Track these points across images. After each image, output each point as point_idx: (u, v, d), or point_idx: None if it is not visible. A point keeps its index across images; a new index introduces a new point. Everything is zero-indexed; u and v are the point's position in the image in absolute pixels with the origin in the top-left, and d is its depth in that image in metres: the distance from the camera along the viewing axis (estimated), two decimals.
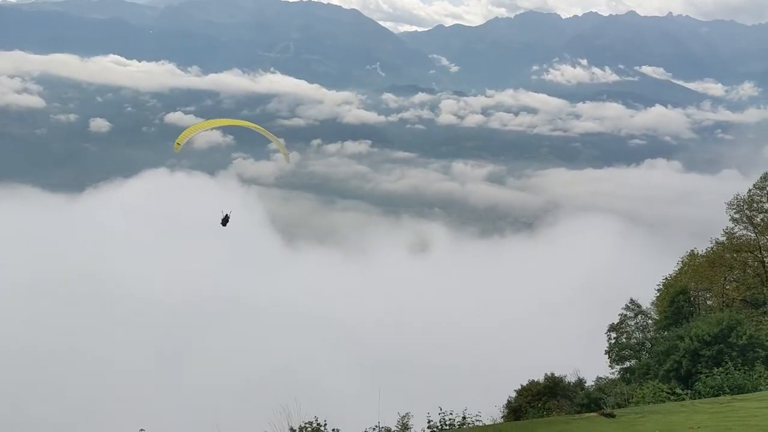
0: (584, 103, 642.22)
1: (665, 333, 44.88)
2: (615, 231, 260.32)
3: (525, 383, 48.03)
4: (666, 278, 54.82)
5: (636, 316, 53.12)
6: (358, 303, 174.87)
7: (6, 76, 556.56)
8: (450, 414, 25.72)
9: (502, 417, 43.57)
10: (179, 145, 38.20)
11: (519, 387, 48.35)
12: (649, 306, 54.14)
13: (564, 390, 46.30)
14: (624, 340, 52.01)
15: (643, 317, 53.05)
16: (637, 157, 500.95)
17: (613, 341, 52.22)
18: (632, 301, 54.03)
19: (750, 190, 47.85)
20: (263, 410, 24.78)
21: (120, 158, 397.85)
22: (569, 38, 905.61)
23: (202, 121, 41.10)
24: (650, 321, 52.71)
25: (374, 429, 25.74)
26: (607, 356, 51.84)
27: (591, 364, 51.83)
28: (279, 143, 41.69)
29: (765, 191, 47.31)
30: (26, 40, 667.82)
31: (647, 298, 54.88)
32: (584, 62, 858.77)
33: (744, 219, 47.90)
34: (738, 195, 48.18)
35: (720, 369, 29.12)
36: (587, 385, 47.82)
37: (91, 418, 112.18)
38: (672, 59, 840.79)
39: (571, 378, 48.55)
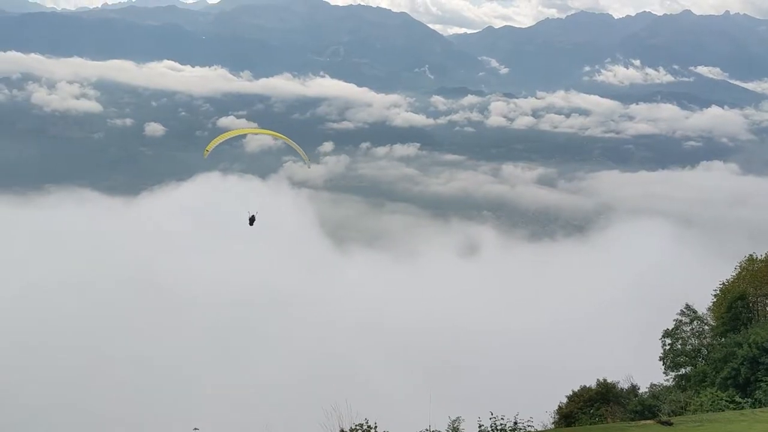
0: (637, 105, 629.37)
1: (722, 340, 43.93)
2: (669, 234, 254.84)
3: (576, 389, 47.33)
4: (723, 283, 53.44)
5: (692, 322, 51.74)
6: (407, 305, 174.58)
7: (65, 82, 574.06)
8: (501, 419, 25.64)
9: (553, 423, 43.15)
10: (207, 152, 42.11)
11: (570, 392, 47.71)
12: (705, 312, 52.81)
13: (617, 396, 45.54)
14: (679, 347, 50.77)
15: (699, 323, 51.73)
16: (692, 159, 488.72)
17: (668, 347, 51.00)
18: (688, 307, 52.67)
19: None
20: (313, 411, 25.10)
21: (174, 162, 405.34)
22: (622, 38, 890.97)
23: (230, 131, 47.76)
24: (706, 327, 51.41)
25: None
26: (662, 363, 50.74)
27: (643, 370, 50.72)
28: (300, 150, 44.91)
29: None
30: (85, 47, 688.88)
31: (703, 304, 53.48)
32: (637, 63, 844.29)
33: None
34: None
35: None
36: (641, 392, 46.98)
37: (146, 417, 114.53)
38: (728, 59, 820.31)
39: (624, 384, 47.75)
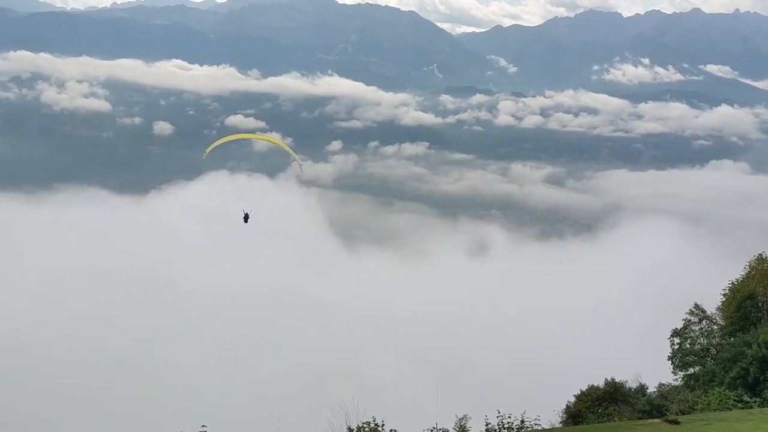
0: (646, 103, 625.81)
1: (731, 339, 43.78)
2: (678, 234, 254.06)
3: (584, 388, 47.34)
4: (732, 283, 53.17)
5: (700, 322, 51.62)
6: (416, 304, 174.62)
7: (74, 81, 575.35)
8: (508, 417, 25.67)
9: (561, 422, 43.15)
10: (206, 153, 45.47)
11: (578, 392, 47.69)
12: (714, 311, 52.62)
13: (625, 396, 45.52)
14: (688, 346, 50.64)
15: (708, 323, 51.59)
16: (702, 159, 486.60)
17: (677, 347, 50.89)
18: (697, 306, 52.53)
19: None
20: (322, 408, 25.17)
21: (183, 160, 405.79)
22: (631, 37, 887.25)
23: (224, 137, 50.33)
24: (715, 327, 51.25)
25: (432, 430, 25.84)
26: (670, 362, 50.64)
27: (652, 370, 50.69)
28: (294, 154, 47.28)
29: None
30: (93, 46, 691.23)
31: (712, 303, 53.22)
32: (646, 61, 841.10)
33: None
34: None
35: None
36: (649, 392, 46.92)
37: (157, 413, 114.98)
38: (739, 57, 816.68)
39: (632, 383, 47.70)
